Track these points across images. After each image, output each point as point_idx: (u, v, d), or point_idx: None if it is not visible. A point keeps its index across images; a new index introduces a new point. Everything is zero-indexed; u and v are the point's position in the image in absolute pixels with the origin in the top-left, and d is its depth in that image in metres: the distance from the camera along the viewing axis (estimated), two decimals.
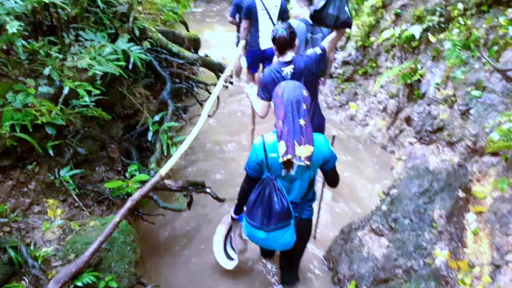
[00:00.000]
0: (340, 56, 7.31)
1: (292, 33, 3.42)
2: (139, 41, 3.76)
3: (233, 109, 7.01)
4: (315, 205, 3.05)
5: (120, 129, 3.77)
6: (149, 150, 3.96)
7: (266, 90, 3.45)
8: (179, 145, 3.33)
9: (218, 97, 4.95)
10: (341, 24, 3.42)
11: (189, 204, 3.79)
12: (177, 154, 2.88)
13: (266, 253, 3.62)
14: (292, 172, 2.59)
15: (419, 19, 5.55)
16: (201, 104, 4.79)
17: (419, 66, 5.44)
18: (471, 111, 4.37)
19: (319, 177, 3.35)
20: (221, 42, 10.81)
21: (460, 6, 4.93)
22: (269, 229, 2.62)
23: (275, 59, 3.70)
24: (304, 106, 2.49)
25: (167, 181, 3.52)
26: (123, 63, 3.00)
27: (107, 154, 3.35)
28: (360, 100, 6.76)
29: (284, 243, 2.71)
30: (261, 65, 6.43)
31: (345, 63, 7.16)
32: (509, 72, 4.01)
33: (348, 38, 7.15)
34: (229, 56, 8.92)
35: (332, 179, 2.84)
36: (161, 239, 3.94)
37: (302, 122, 2.44)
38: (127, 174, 3.08)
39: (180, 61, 4.38)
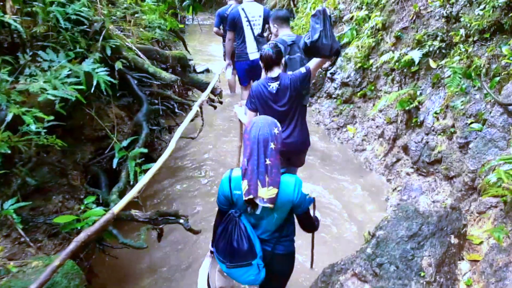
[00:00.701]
0: (339, 76, 7.06)
1: (278, 51, 3.59)
2: (111, 61, 3.52)
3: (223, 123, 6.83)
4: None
5: (89, 153, 3.52)
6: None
7: (253, 102, 3.75)
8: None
9: (202, 118, 4.71)
10: (335, 52, 3.56)
11: (160, 236, 3.52)
12: (135, 189, 2.62)
13: None
14: (258, 211, 2.46)
15: (419, 43, 5.27)
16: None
17: (418, 92, 5.16)
18: (471, 145, 4.07)
19: None
20: None
21: (462, 32, 4.66)
22: (229, 265, 2.51)
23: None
24: (272, 146, 2.35)
25: (133, 211, 3.26)
26: (82, 87, 2.76)
27: (67, 182, 3.10)
28: (358, 124, 6.48)
29: (248, 280, 2.55)
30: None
31: (344, 84, 6.90)
32: (511, 106, 3.71)
33: (348, 60, 6.89)
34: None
35: (304, 224, 2.61)
36: (130, 271, 3.67)
37: (268, 162, 2.32)
38: (82, 207, 2.82)
39: (156, 82, 4.15)
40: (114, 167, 3.33)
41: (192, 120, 4.34)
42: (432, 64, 5.03)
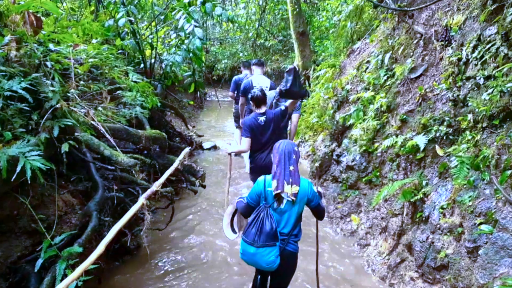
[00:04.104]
0: (345, 159, 6.54)
1: (264, 94, 4.98)
2: (58, 142, 3.18)
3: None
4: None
5: (22, 248, 3.04)
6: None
7: (247, 131, 4.91)
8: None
9: (173, 208, 4.23)
10: (302, 96, 5.09)
11: None
12: None
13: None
14: (282, 206, 3.25)
15: (425, 128, 4.76)
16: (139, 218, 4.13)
17: (424, 182, 4.56)
18: (480, 251, 3.39)
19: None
20: None
21: (470, 117, 4.14)
22: (258, 244, 3.15)
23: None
24: (293, 157, 3.32)
25: None
26: None
27: None
28: (363, 213, 5.84)
29: (269, 261, 3.16)
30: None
31: (349, 167, 6.36)
32: None
33: (354, 142, 6.41)
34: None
35: (318, 214, 3.48)
36: None
37: (291, 168, 3.27)
38: None
39: (109, 167, 3.76)
40: (35, 270, 2.82)
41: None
42: (439, 152, 4.48)
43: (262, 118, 4.88)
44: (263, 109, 4.94)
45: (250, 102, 5.02)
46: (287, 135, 6.19)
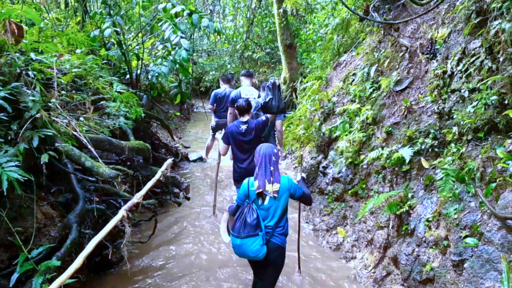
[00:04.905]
0: (331, 171, 6.53)
1: (249, 104, 5.35)
2: (38, 152, 3.10)
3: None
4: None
5: None
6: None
7: (227, 137, 5.39)
8: None
9: (156, 220, 4.15)
10: (281, 110, 5.48)
11: None
12: None
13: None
14: (266, 203, 3.57)
15: (410, 140, 4.77)
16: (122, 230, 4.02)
17: (409, 195, 4.55)
18: (466, 264, 3.37)
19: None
20: None
21: (455, 129, 4.16)
22: (242, 236, 3.46)
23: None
24: (273, 158, 3.65)
25: None
26: None
27: None
28: (349, 226, 5.79)
29: (254, 250, 3.44)
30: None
31: (335, 180, 6.34)
32: (510, 220, 3.07)
33: (340, 154, 6.40)
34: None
35: (305, 202, 3.88)
36: None
37: (272, 168, 3.59)
38: None
39: (90, 178, 3.69)
40: (11, 285, 2.72)
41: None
42: (425, 164, 4.48)
43: (244, 126, 5.25)
44: (245, 118, 5.28)
45: (235, 111, 5.39)
46: (275, 142, 6.40)
